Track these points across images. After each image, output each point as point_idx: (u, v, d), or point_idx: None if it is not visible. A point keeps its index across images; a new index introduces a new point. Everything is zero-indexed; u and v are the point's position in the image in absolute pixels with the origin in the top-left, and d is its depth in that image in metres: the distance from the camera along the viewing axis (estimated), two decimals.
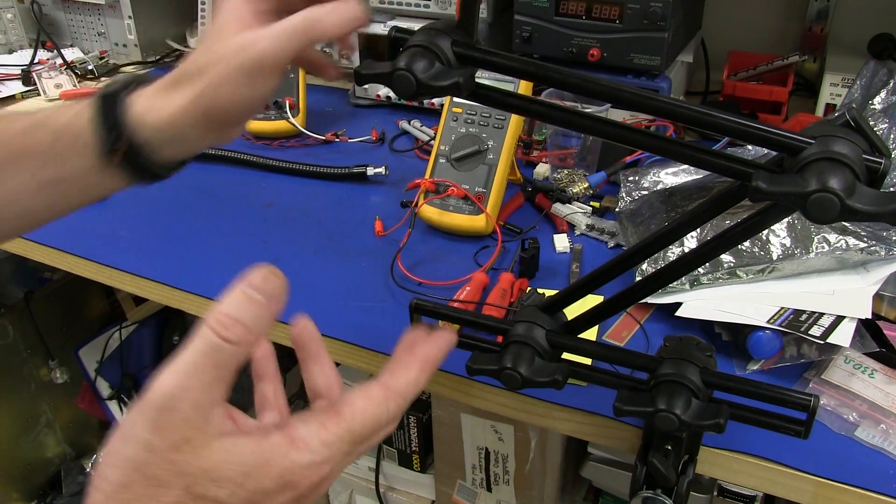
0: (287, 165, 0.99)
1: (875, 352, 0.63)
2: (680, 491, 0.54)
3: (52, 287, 1.47)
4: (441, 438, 1.03)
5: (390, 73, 0.47)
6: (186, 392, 0.32)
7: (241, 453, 0.33)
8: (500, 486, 1.03)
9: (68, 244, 0.86)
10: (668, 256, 0.71)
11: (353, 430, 0.35)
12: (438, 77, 0.47)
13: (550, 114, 0.49)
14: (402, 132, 1.11)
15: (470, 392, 0.66)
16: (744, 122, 0.43)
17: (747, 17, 1.25)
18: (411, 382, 0.38)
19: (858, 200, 0.38)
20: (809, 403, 0.48)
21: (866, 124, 0.41)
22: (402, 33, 0.49)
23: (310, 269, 0.80)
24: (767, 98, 1.07)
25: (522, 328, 0.54)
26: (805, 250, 0.68)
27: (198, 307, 0.78)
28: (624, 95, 0.45)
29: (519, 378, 0.51)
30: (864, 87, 0.87)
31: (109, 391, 1.52)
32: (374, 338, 0.69)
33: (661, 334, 0.66)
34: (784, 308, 0.64)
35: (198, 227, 0.89)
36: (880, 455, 0.56)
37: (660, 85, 1.01)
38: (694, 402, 0.49)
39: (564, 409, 0.62)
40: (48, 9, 1.43)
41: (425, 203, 0.84)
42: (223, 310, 0.34)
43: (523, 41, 1.06)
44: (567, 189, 0.89)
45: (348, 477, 1.19)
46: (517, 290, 0.74)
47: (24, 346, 1.43)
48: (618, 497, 1.05)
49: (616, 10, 0.97)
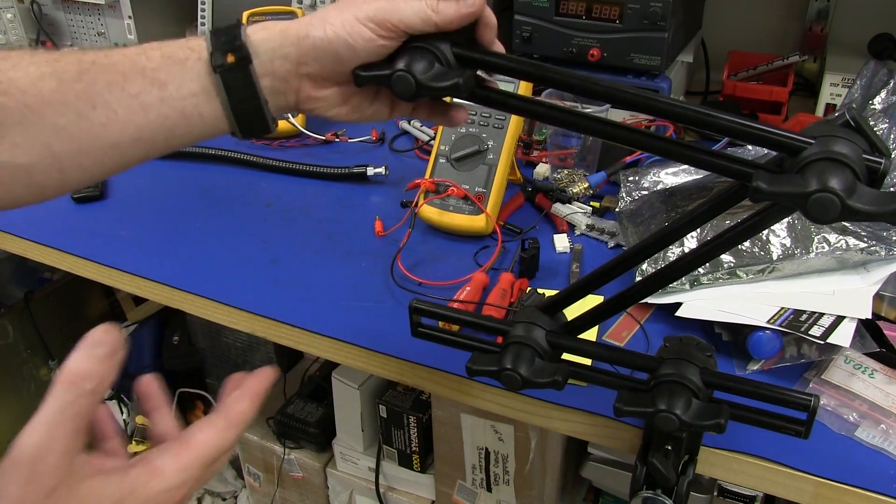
0: (287, 165, 0.99)
1: (875, 352, 0.63)
2: (680, 491, 0.54)
3: (52, 287, 1.47)
4: (441, 438, 1.03)
5: (390, 74, 0.47)
6: (51, 443, 0.36)
7: (109, 488, 0.37)
8: (500, 486, 1.03)
9: (68, 244, 0.86)
10: (668, 256, 0.71)
11: (201, 456, 0.40)
12: (438, 78, 0.47)
13: (550, 114, 0.49)
14: (402, 132, 1.11)
15: (470, 392, 0.66)
16: (744, 123, 0.43)
17: (747, 17, 1.25)
18: (245, 412, 0.43)
19: (859, 200, 0.38)
20: (810, 403, 0.48)
21: (866, 124, 0.41)
22: None
23: (310, 269, 0.80)
24: (767, 98, 1.07)
25: (522, 329, 0.54)
26: (805, 250, 0.68)
27: (198, 307, 0.78)
28: (624, 96, 0.45)
29: (519, 379, 0.51)
30: (864, 87, 0.87)
31: (109, 391, 1.52)
32: (374, 338, 0.69)
33: (661, 334, 0.66)
34: (784, 308, 0.64)
35: (198, 227, 0.89)
36: (880, 455, 0.56)
37: (660, 85, 1.01)
38: (694, 402, 0.49)
39: (565, 409, 0.62)
40: (48, 9, 1.43)
41: (425, 203, 0.84)
42: (73, 368, 0.38)
43: (523, 41, 1.06)
44: (567, 189, 0.89)
45: (348, 477, 1.19)
46: (517, 290, 0.74)
47: (24, 346, 1.43)
48: (618, 497, 1.05)
49: (616, 10, 0.97)
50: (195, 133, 0.50)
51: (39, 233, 0.88)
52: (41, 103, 0.46)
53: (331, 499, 1.24)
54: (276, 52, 0.49)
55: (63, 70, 0.46)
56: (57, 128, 0.46)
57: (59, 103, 0.46)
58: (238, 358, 1.40)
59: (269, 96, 0.50)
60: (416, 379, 0.68)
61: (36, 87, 0.46)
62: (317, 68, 0.50)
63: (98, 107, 0.47)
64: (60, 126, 0.46)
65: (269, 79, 0.50)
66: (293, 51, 0.49)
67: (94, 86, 0.47)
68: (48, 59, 0.47)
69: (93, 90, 0.47)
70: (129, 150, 0.49)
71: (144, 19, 1.38)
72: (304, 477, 1.24)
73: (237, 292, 0.76)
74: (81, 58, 0.47)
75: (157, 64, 0.48)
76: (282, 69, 0.50)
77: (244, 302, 0.75)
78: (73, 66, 0.47)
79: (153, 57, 0.48)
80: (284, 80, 0.50)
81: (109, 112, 0.47)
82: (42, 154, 0.46)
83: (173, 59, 0.49)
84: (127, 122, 0.48)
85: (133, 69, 0.48)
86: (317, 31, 0.49)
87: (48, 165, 0.47)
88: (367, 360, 0.69)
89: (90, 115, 0.47)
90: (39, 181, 0.47)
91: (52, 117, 0.46)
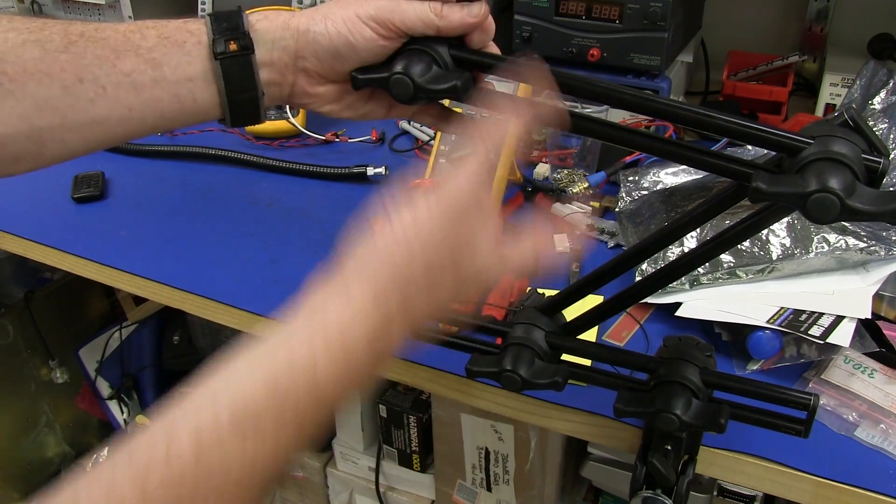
0: (287, 165, 0.99)
1: (875, 352, 0.63)
2: (680, 491, 0.54)
3: (52, 287, 1.47)
4: (441, 438, 1.04)
5: (387, 76, 0.47)
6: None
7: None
8: (500, 485, 1.03)
9: (68, 244, 0.86)
10: (668, 256, 0.71)
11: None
12: (436, 80, 0.47)
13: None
14: (402, 132, 1.11)
15: (470, 392, 0.66)
16: (743, 123, 0.43)
17: (747, 17, 1.25)
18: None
19: (858, 200, 0.38)
20: (809, 402, 0.48)
21: (865, 124, 0.41)
22: None
23: (310, 269, 0.79)
24: (767, 98, 1.07)
25: (522, 330, 0.54)
26: (805, 250, 0.68)
27: (198, 307, 0.78)
28: (623, 97, 0.45)
29: (519, 380, 0.51)
30: (864, 87, 0.87)
31: (109, 391, 1.52)
32: None
33: (661, 334, 0.66)
34: (784, 308, 0.64)
35: (198, 227, 0.89)
36: (880, 455, 0.56)
37: (660, 85, 1.01)
38: (694, 402, 0.49)
39: (564, 409, 0.62)
40: (48, 9, 1.42)
41: None
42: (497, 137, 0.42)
43: (523, 41, 1.06)
44: (567, 189, 0.89)
45: (348, 477, 1.19)
46: (517, 290, 0.74)
47: (24, 346, 1.43)
48: (618, 497, 1.05)
49: (616, 10, 0.97)
50: (186, 117, 0.49)
51: (39, 233, 0.88)
52: (22, 73, 0.43)
53: (331, 498, 1.24)
54: (277, 44, 0.49)
55: (47, 39, 0.44)
56: (38, 100, 0.44)
57: (43, 74, 0.44)
58: None
59: (265, 87, 0.50)
60: (416, 379, 0.68)
61: (16, 54, 0.43)
62: (315, 64, 0.49)
63: (86, 81, 0.45)
64: (42, 98, 0.44)
65: (267, 70, 0.49)
66: (293, 44, 0.49)
67: (82, 58, 0.45)
68: (31, 27, 0.45)
69: (80, 63, 0.45)
70: (114, 128, 0.47)
71: (144, 19, 1.37)
72: (304, 476, 1.24)
73: (237, 292, 0.76)
74: (68, 28, 0.46)
75: (152, 43, 0.47)
76: (280, 61, 0.49)
77: (244, 302, 0.75)
78: (58, 36, 0.45)
79: (149, 36, 0.47)
80: (282, 73, 0.50)
81: (98, 88, 0.45)
82: (19, 126, 0.44)
83: (171, 41, 0.47)
84: (116, 100, 0.46)
85: (126, 46, 0.46)
86: (317, 26, 0.48)
87: (25, 137, 0.45)
88: None
89: (76, 90, 0.45)
90: (14, 153, 0.45)
91: (34, 88, 0.44)
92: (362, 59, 0.49)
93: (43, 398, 1.49)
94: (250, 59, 0.48)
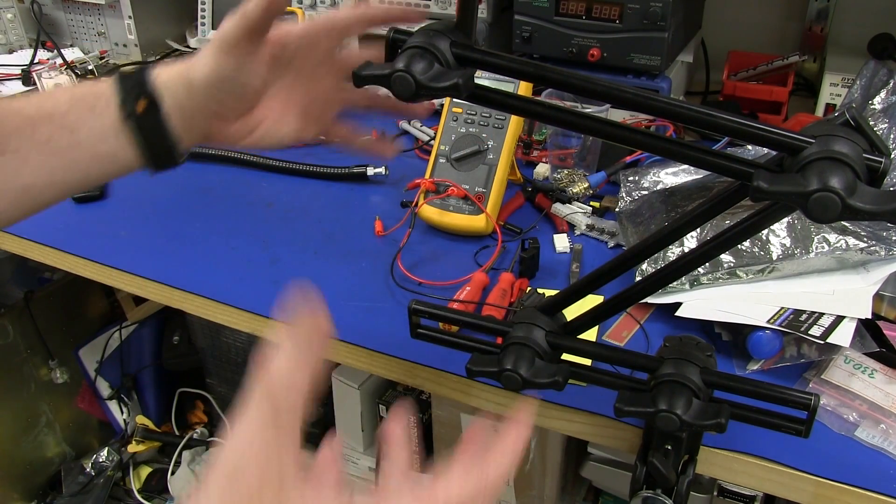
0: (287, 165, 0.99)
1: (875, 352, 0.63)
2: (680, 491, 0.54)
3: (52, 287, 1.47)
4: (441, 438, 1.03)
5: (389, 74, 0.47)
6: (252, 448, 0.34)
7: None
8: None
9: (68, 244, 0.86)
10: (668, 256, 0.71)
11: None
12: (438, 78, 0.47)
13: (550, 114, 0.49)
14: (402, 132, 1.11)
15: (470, 392, 0.66)
16: (744, 122, 0.43)
17: (747, 17, 1.25)
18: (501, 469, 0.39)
19: (859, 199, 0.38)
20: (810, 402, 0.48)
21: (866, 123, 0.41)
22: (401, 34, 0.49)
23: (310, 270, 0.80)
24: (767, 98, 1.07)
25: (522, 330, 0.54)
26: (805, 250, 0.68)
27: (198, 307, 0.78)
28: (623, 96, 0.45)
29: (519, 380, 0.51)
30: (864, 87, 0.87)
31: (109, 391, 1.52)
32: (374, 338, 0.69)
33: (661, 334, 0.66)
34: (784, 308, 0.64)
35: (198, 227, 0.88)
36: (880, 455, 0.56)
37: (660, 85, 1.01)
38: (694, 402, 0.49)
39: (565, 409, 0.62)
40: (48, 9, 1.43)
41: (425, 203, 0.84)
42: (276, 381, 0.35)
43: (523, 41, 1.06)
44: (567, 189, 0.89)
45: (348, 477, 1.19)
46: (517, 290, 0.74)
47: (24, 346, 1.43)
48: (618, 497, 1.05)
49: (616, 10, 0.97)
50: (109, 174, 0.51)
51: (39, 233, 0.88)
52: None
53: None
54: (179, 93, 0.50)
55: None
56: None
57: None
58: (238, 358, 1.40)
59: (181, 134, 0.51)
60: (416, 379, 0.68)
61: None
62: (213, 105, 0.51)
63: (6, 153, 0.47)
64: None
65: (177, 118, 0.50)
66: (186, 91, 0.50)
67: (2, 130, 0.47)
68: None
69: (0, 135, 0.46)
70: (43, 192, 0.49)
71: (144, 19, 1.38)
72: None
73: (237, 292, 0.76)
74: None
75: (65, 108, 0.48)
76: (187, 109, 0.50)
77: (244, 302, 0.75)
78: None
79: (61, 101, 0.49)
80: (189, 120, 0.51)
81: (19, 158, 0.47)
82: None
83: (83, 104, 0.49)
84: (39, 167, 0.48)
85: (40, 114, 0.48)
86: (195, 72, 0.50)
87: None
88: (368, 359, 0.69)
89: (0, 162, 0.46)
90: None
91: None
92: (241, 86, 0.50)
93: (43, 398, 1.49)
94: (159, 115, 0.49)
